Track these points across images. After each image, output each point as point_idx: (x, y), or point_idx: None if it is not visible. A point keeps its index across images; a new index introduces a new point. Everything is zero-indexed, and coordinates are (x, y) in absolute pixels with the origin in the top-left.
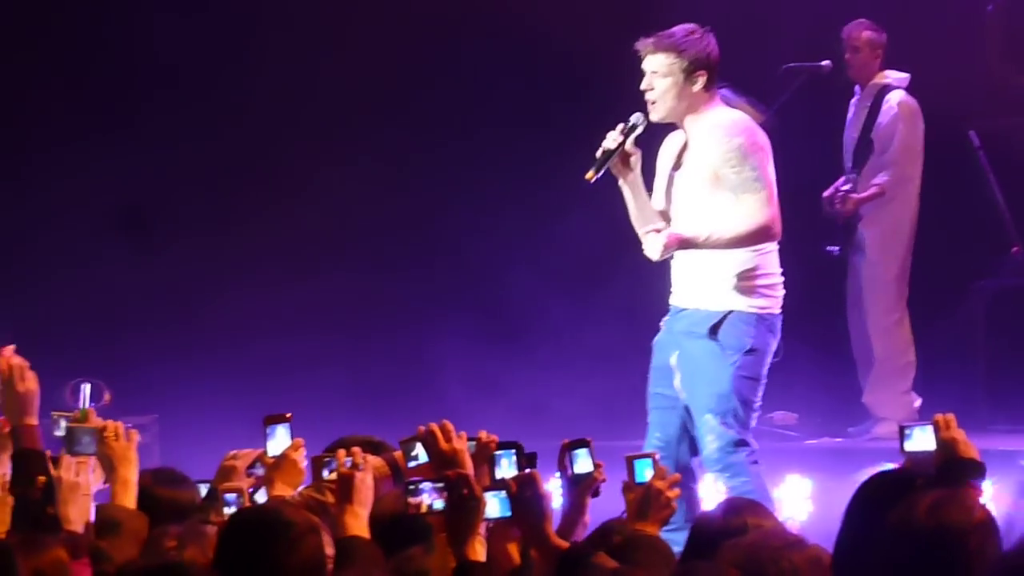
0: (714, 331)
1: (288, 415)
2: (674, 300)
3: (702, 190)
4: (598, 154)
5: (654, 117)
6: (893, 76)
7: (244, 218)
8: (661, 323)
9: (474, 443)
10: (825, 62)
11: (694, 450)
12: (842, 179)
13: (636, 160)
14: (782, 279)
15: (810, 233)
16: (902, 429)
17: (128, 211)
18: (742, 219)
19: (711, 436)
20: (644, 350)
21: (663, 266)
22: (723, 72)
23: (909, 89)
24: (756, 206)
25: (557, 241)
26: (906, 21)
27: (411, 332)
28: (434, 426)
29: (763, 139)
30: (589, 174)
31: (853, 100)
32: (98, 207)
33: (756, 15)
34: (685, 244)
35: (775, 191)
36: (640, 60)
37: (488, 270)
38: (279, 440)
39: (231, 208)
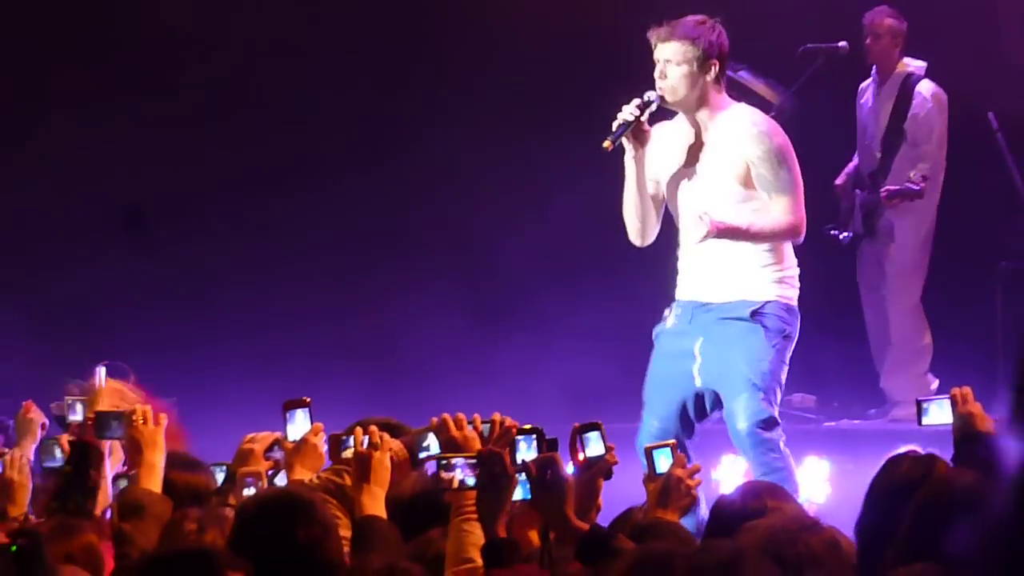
0: (756, 314)
1: (307, 400)
2: (691, 294)
3: (732, 185)
4: (615, 125)
5: (666, 102)
6: (913, 64)
7: (258, 208)
8: (667, 313)
9: (488, 426)
10: (842, 43)
11: (679, 438)
12: (852, 164)
13: (647, 136)
14: (798, 270)
15: (824, 218)
16: (919, 403)
17: (143, 204)
18: (777, 218)
19: (748, 412)
20: (629, 332)
21: (653, 253)
22: (741, 53)
23: (928, 76)
24: (790, 207)
25: (550, 223)
26: (921, 4)
27: (418, 318)
28: (446, 416)
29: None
30: (607, 143)
31: (867, 85)
32: (114, 198)
33: None
34: (727, 232)
35: (802, 193)
36: (652, 48)
37: (487, 253)
38: (299, 424)
39: (245, 199)
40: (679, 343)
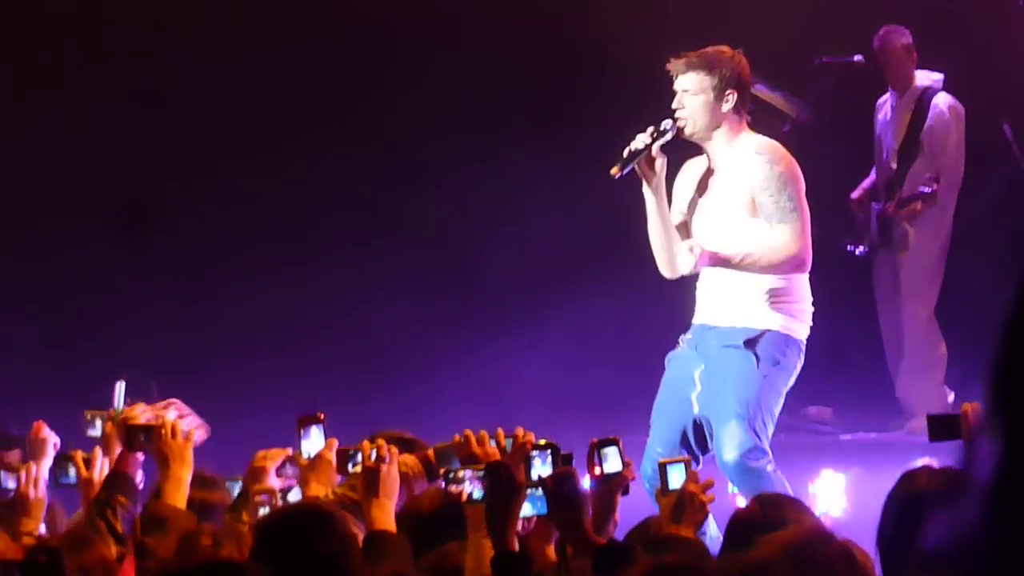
0: (750, 344)
1: (321, 415)
2: (702, 318)
3: (738, 215)
4: (625, 153)
5: (684, 134)
6: (930, 78)
7: (263, 219)
8: (680, 340)
9: (511, 440)
10: (858, 57)
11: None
12: (869, 179)
13: (661, 165)
14: (812, 308)
15: (838, 230)
16: (929, 419)
17: (147, 211)
18: (776, 248)
19: (734, 442)
20: (632, 344)
21: (648, 270)
22: (757, 65)
23: (945, 89)
24: (791, 236)
25: (559, 236)
26: (936, 17)
27: (411, 324)
28: (468, 432)
29: (798, 168)
30: (614, 169)
31: (885, 101)
32: (113, 206)
33: (789, 10)
34: (717, 261)
35: (808, 222)
36: (672, 79)
37: (475, 257)
38: (313, 440)
39: (254, 211)
40: (684, 370)
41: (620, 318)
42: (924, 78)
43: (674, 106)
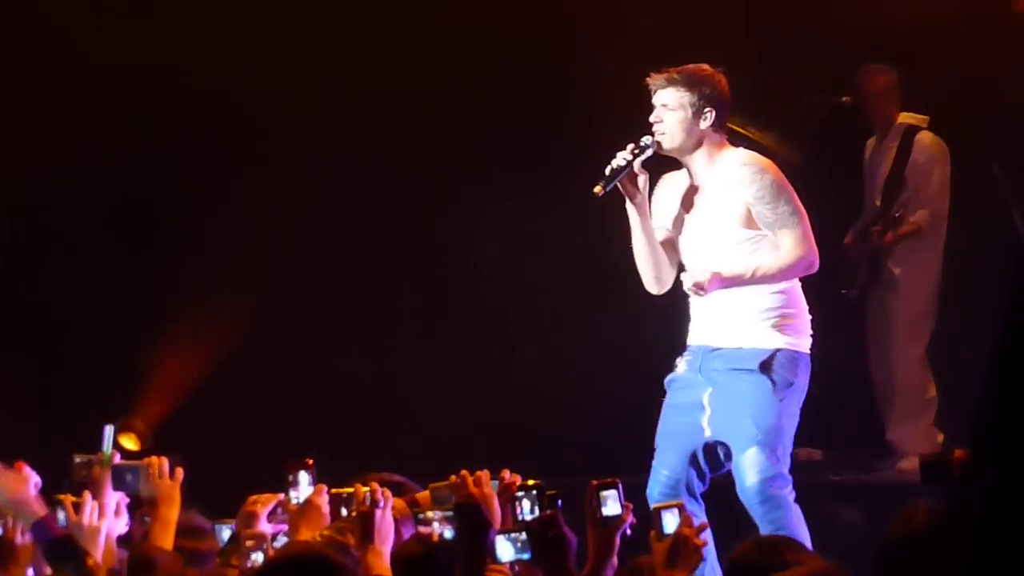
0: (764, 367)
1: (309, 460)
2: (701, 339)
3: (734, 229)
4: (607, 171)
5: (663, 149)
6: (915, 118)
7: (263, 250)
8: (678, 362)
9: (497, 483)
10: (846, 97)
11: (691, 487)
12: (860, 222)
13: (643, 181)
14: (810, 315)
15: (829, 273)
16: (921, 463)
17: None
18: (785, 254)
19: (755, 469)
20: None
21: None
22: (743, 105)
23: (931, 128)
24: (797, 240)
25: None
26: (923, 54)
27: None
28: (465, 473)
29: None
30: (597, 188)
31: (873, 141)
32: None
33: (774, 49)
34: (728, 283)
35: (808, 223)
36: (651, 94)
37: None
38: (302, 486)
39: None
40: (689, 395)
41: (606, 341)
42: (908, 118)
43: (652, 119)
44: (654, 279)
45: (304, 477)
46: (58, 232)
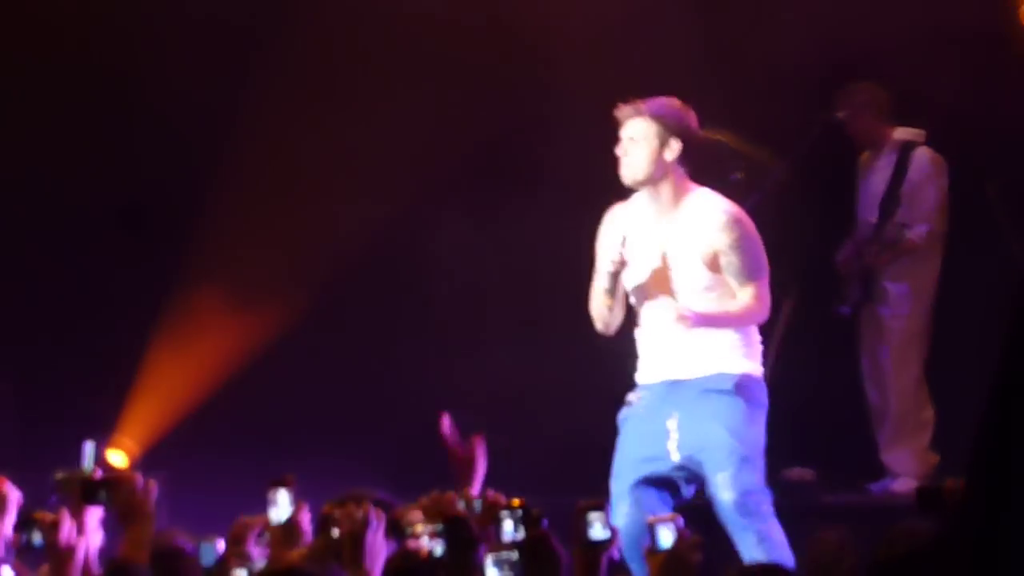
0: (738, 388)
1: (290, 477)
2: (660, 375)
3: (700, 270)
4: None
5: (626, 181)
6: (911, 133)
7: (254, 275)
8: (632, 398)
9: (480, 503)
10: (841, 112)
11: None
12: (849, 242)
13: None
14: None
15: (821, 290)
16: (919, 493)
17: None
18: (748, 305)
19: (736, 483)
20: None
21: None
22: (737, 120)
23: (928, 144)
24: (758, 293)
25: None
26: (918, 72)
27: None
28: (435, 494)
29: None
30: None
31: (868, 157)
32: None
33: (766, 64)
34: (703, 322)
35: (768, 279)
36: (619, 126)
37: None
38: (282, 505)
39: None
40: (649, 424)
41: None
42: (904, 134)
43: (618, 152)
44: (606, 321)
45: (284, 495)
46: (41, 242)
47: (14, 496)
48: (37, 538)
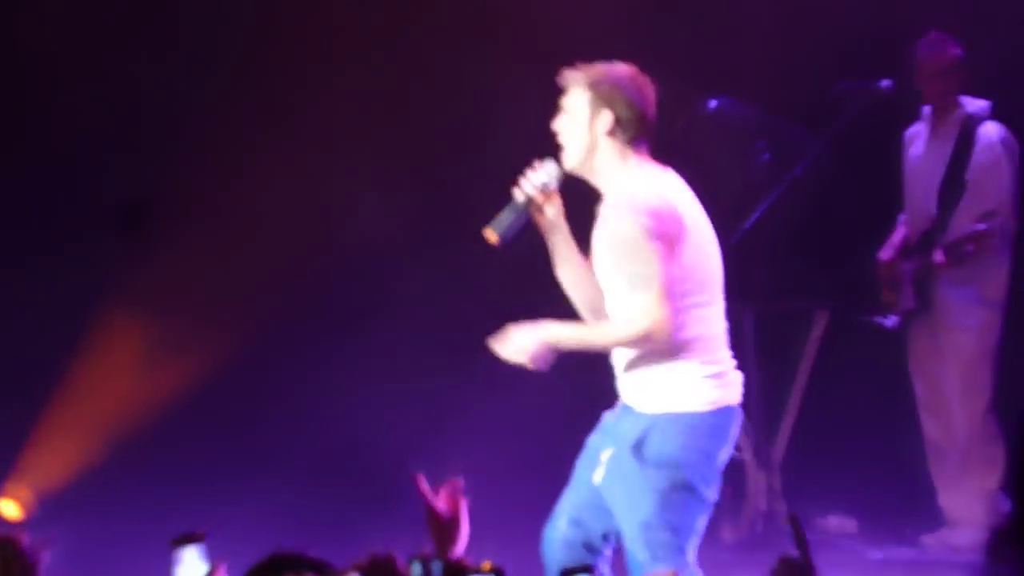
0: (658, 444)
1: (201, 533)
2: (621, 394)
3: (608, 271)
4: (504, 212)
5: (565, 166)
6: (974, 104)
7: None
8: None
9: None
10: (885, 82)
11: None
12: (898, 233)
13: (555, 209)
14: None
15: (858, 295)
16: (995, 534)
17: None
18: (625, 322)
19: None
20: None
21: None
22: (764, 94)
23: (993, 117)
24: (644, 307)
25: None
26: (976, 36)
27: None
28: (375, 555)
29: (677, 218)
30: (491, 236)
31: (917, 131)
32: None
33: (802, 26)
34: (569, 347)
35: (668, 289)
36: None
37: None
38: (189, 567)
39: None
40: (595, 443)
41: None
42: (970, 105)
43: (552, 126)
44: (591, 311)
45: (193, 554)
46: None
47: None
48: None
